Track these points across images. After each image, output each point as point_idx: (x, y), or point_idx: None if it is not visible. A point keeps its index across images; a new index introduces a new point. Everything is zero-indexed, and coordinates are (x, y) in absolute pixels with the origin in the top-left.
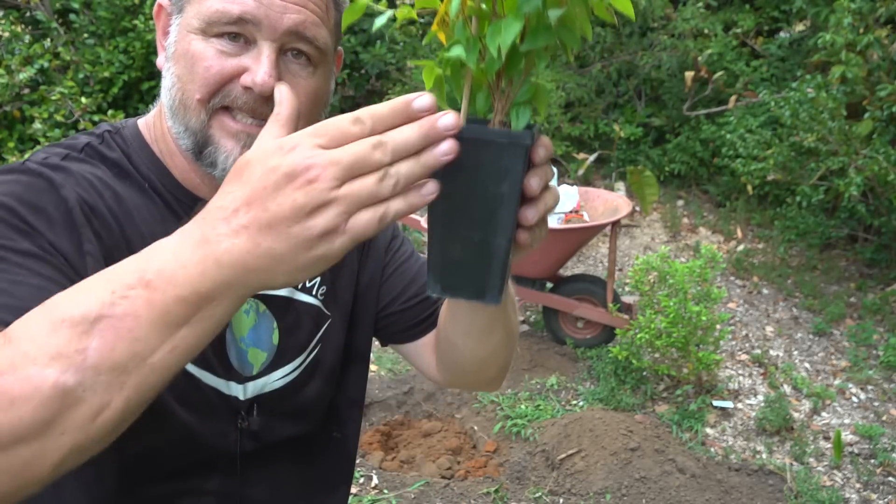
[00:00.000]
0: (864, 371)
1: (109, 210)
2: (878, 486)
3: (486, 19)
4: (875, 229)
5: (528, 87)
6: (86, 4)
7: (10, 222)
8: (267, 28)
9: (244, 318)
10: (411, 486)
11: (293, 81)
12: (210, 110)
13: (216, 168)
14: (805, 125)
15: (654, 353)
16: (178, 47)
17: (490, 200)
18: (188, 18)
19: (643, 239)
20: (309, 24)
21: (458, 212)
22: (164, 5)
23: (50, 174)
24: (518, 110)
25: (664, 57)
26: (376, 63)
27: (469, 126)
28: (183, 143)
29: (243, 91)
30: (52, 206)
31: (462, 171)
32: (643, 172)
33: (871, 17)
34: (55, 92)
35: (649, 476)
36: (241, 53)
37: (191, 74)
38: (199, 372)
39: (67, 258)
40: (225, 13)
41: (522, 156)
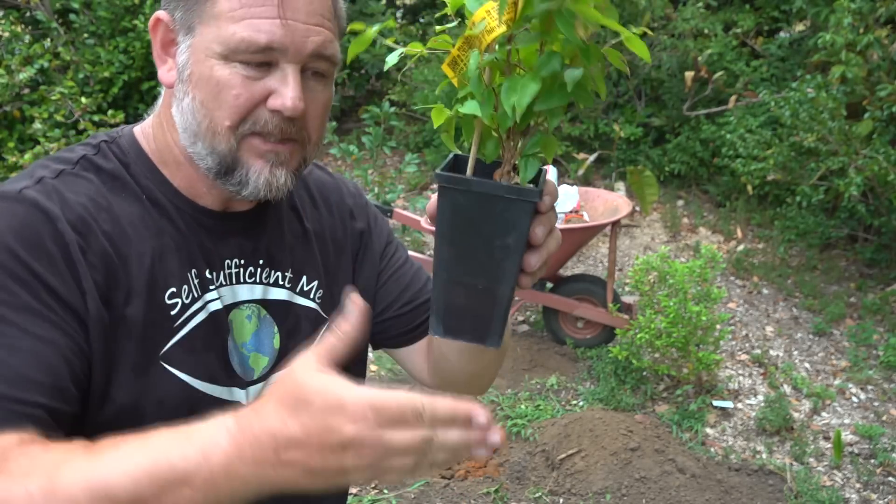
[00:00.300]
0: (864, 371)
1: (106, 234)
2: (878, 486)
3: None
4: (875, 229)
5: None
6: (86, 4)
7: (9, 268)
8: (293, 53)
9: (246, 324)
10: (411, 486)
11: (312, 97)
12: (239, 136)
13: (246, 187)
14: (805, 125)
15: (654, 353)
16: (198, 71)
17: (496, 251)
18: (206, 42)
19: (643, 239)
20: (327, 44)
21: (465, 260)
22: (163, 20)
23: (44, 205)
24: (527, 161)
25: (664, 57)
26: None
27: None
28: (203, 163)
29: (272, 115)
30: (50, 241)
31: (470, 222)
32: (643, 172)
33: (871, 17)
34: (55, 92)
35: (649, 476)
36: (265, 76)
37: (217, 101)
38: (201, 385)
39: (66, 302)
40: (252, 42)
41: (530, 211)
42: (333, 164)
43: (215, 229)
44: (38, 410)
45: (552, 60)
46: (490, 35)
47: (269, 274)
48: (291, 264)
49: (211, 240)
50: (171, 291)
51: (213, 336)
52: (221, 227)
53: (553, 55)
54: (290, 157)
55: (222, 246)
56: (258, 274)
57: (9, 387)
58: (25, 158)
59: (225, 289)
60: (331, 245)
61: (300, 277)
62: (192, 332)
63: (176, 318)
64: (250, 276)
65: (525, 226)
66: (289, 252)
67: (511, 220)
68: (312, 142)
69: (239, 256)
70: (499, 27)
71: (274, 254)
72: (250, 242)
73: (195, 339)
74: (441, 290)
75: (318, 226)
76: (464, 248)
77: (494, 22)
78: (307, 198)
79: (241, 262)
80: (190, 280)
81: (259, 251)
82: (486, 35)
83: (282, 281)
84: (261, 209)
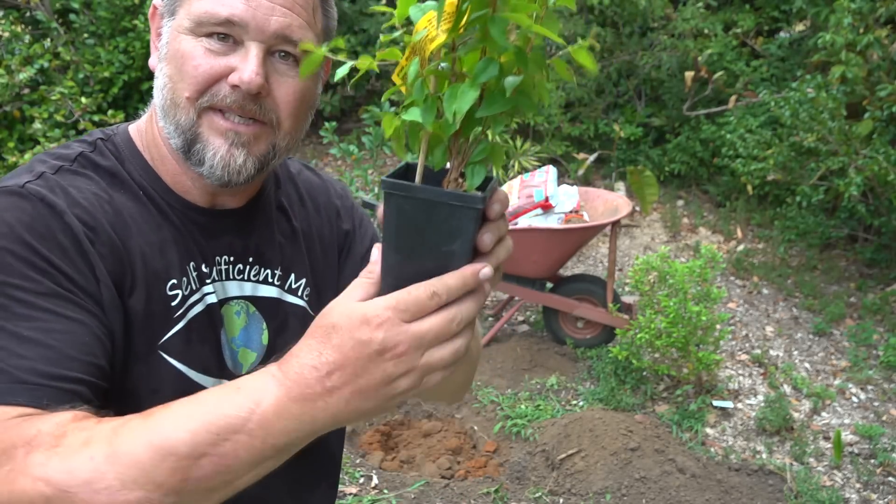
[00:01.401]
0: (864, 371)
1: (111, 226)
2: (878, 486)
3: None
4: (875, 229)
5: (483, 147)
6: (86, 4)
7: (28, 259)
8: (254, 30)
9: (235, 320)
10: (411, 486)
11: (280, 81)
12: (199, 108)
13: (203, 166)
14: (805, 125)
15: (654, 353)
16: (170, 48)
17: (441, 257)
18: (179, 19)
19: (643, 239)
20: (295, 28)
21: (411, 265)
22: (158, 7)
23: (50, 199)
24: (473, 168)
25: (664, 57)
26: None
27: (423, 187)
28: (173, 141)
29: (231, 90)
30: (60, 234)
31: (415, 228)
32: (643, 172)
33: (871, 17)
34: (55, 92)
35: (649, 476)
36: (230, 53)
37: (180, 73)
38: (196, 375)
39: (85, 290)
40: (213, 14)
41: (474, 216)
42: (333, 164)
43: (207, 226)
44: (82, 387)
45: (489, 67)
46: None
47: (258, 271)
48: (280, 262)
49: (203, 236)
50: (173, 283)
51: (208, 328)
52: (212, 225)
53: (491, 62)
54: (254, 141)
55: (213, 243)
56: (247, 271)
57: (53, 366)
58: (25, 158)
59: (217, 284)
60: (318, 244)
61: (289, 275)
62: (190, 323)
63: (176, 308)
64: (239, 274)
65: (470, 232)
66: (278, 250)
67: (455, 226)
68: (284, 129)
69: (229, 254)
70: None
71: (263, 252)
72: (240, 240)
73: (192, 331)
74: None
75: (306, 225)
76: (410, 254)
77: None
78: (296, 197)
79: (230, 259)
80: (189, 273)
81: (249, 249)
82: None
83: (271, 279)
84: (250, 207)
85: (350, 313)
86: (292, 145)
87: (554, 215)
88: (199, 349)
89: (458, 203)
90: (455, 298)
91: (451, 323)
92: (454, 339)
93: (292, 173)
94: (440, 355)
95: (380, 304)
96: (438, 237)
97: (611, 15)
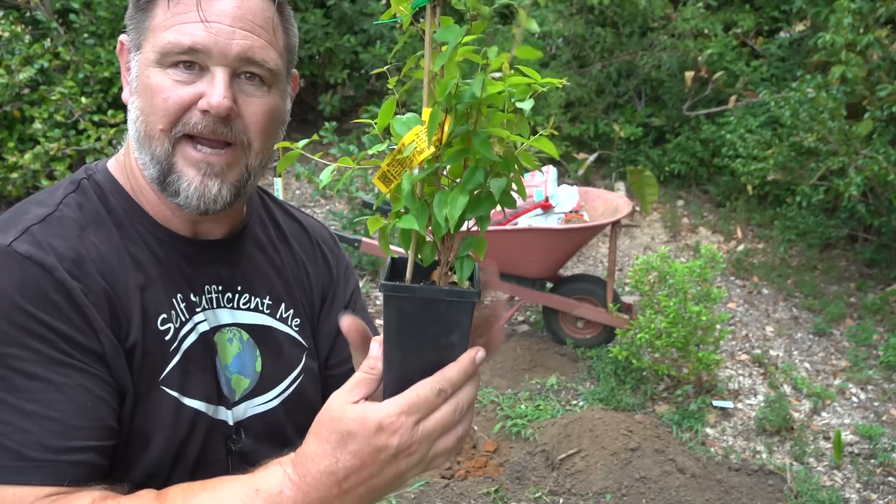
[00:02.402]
0: (864, 371)
1: (100, 273)
2: (878, 486)
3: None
4: (875, 229)
5: (469, 241)
6: (86, 4)
7: (24, 326)
8: (217, 55)
9: (228, 346)
10: (411, 486)
11: (248, 101)
12: (173, 139)
13: (179, 196)
14: (805, 125)
15: (654, 353)
16: (140, 81)
17: (441, 349)
18: (146, 53)
19: (643, 239)
20: (257, 49)
21: (413, 359)
22: (125, 43)
23: (39, 257)
24: (462, 262)
25: (664, 57)
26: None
27: (421, 287)
28: (148, 172)
29: (202, 116)
30: (53, 292)
31: (416, 325)
32: (643, 172)
33: (871, 17)
34: (55, 92)
35: (649, 476)
36: (196, 80)
37: (151, 106)
38: (198, 405)
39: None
40: (177, 44)
41: (470, 309)
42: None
43: (193, 257)
44: (91, 454)
45: (476, 175)
46: (420, 156)
47: (248, 299)
48: (269, 291)
49: (190, 266)
50: (163, 317)
51: (204, 357)
52: (198, 255)
53: (477, 170)
54: (226, 169)
55: (201, 272)
56: (236, 299)
57: (59, 439)
58: (25, 158)
59: (208, 312)
60: (305, 281)
61: (279, 304)
62: (185, 353)
63: (170, 342)
64: (228, 302)
65: (467, 322)
66: (266, 280)
67: (454, 320)
68: (255, 149)
69: (217, 283)
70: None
71: (252, 281)
72: (227, 270)
73: (189, 361)
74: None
75: (291, 261)
76: (412, 350)
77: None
78: (279, 235)
79: (219, 289)
80: (176, 305)
81: (236, 278)
82: (416, 156)
83: (261, 307)
84: (234, 239)
85: (364, 420)
86: (265, 163)
87: (554, 215)
88: (199, 378)
89: (455, 299)
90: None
91: (455, 413)
92: (456, 426)
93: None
94: (445, 445)
95: (392, 411)
96: (438, 331)
97: (611, 15)
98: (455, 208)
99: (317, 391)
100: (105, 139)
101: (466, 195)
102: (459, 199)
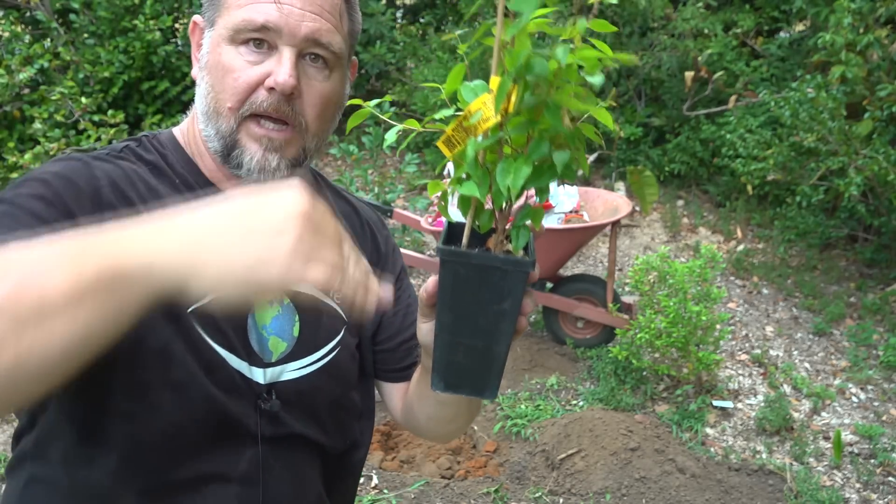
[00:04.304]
0: (864, 371)
1: (140, 198)
2: (878, 486)
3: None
4: (875, 229)
5: (527, 211)
6: (86, 4)
7: (38, 192)
8: (287, 34)
9: (268, 308)
10: (411, 486)
11: (310, 84)
12: (240, 118)
13: (241, 168)
14: (805, 125)
15: (654, 353)
16: (211, 58)
17: (494, 315)
18: (218, 30)
19: (643, 239)
20: (325, 32)
21: (465, 323)
22: (198, 22)
23: (90, 160)
24: (519, 231)
25: (664, 57)
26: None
27: (477, 253)
28: (212, 145)
29: (267, 94)
30: (83, 180)
31: (470, 290)
32: (643, 172)
33: (871, 17)
34: (55, 92)
35: (649, 476)
36: (265, 59)
37: (222, 84)
38: (224, 353)
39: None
40: (250, 21)
41: (524, 279)
42: (333, 164)
43: None
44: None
45: (541, 146)
46: (486, 124)
47: None
48: None
49: None
50: None
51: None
52: None
53: (542, 141)
54: (285, 145)
55: None
56: None
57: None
58: (25, 158)
59: None
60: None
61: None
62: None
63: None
64: None
65: (519, 292)
66: None
67: (507, 288)
68: (311, 131)
69: None
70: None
71: None
72: None
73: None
74: (443, 350)
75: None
76: (464, 313)
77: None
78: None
79: None
80: None
81: None
82: (482, 123)
83: None
84: None
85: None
86: (321, 145)
87: (554, 215)
88: (223, 325)
89: (510, 267)
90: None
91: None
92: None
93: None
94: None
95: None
96: (491, 297)
97: (611, 15)
98: (518, 178)
99: (353, 367)
100: (105, 139)
101: (530, 165)
102: (524, 169)
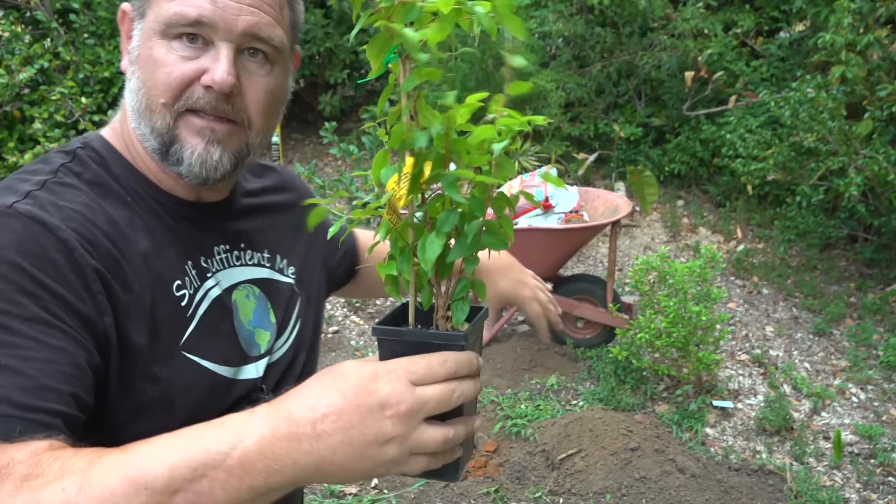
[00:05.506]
0: (864, 371)
1: (106, 237)
2: (878, 486)
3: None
4: (875, 229)
5: (464, 285)
6: (86, 4)
7: (16, 281)
8: (223, 30)
9: (247, 303)
10: (411, 486)
11: (251, 80)
12: (175, 113)
13: (181, 165)
14: (805, 125)
15: (654, 353)
16: (142, 51)
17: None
18: (149, 22)
19: (643, 239)
20: (263, 25)
21: None
22: (126, 11)
23: (41, 216)
24: (458, 305)
25: (664, 57)
26: None
27: (410, 331)
28: (148, 144)
29: (204, 91)
30: (53, 251)
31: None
32: (643, 172)
33: (871, 17)
34: (55, 92)
35: (649, 476)
36: (200, 55)
37: (154, 79)
38: (219, 368)
39: (76, 310)
40: (182, 16)
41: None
42: (333, 164)
43: (198, 220)
44: (58, 419)
45: (450, 217)
46: (400, 202)
47: (251, 256)
48: (266, 245)
49: (197, 230)
50: (177, 284)
51: (219, 321)
52: (203, 218)
53: (451, 212)
54: (228, 138)
55: (208, 235)
56: (244, 256)
57: (29, 397)
58: (25, 158)
59: (221, 273)
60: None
61: (275, 257)
62: (202, 319)
63: (186, 308)
64: (237, 259)
65: None
66: (262, 234)
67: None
68: (255, 128)
69: (223, 242)
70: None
71: (252, 237)
72: (231, 227)
73: (206, 326)
74: None
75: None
76: None
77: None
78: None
79: (226, 248)
80: (188, 271)
81: (239, 236)
82: (396, 201)
83: (262, 261)
84: (231, 198)
85: (361, 365)
86: (265, 142)
87: (554, 215)
88: (216, 342)
89: (441, 342)
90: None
91: (453, 395)
92: (449, 426)
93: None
94: (432, 435)
95: (391, 363)
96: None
97: (611, 15)
98: (431, 252)
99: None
100: None
101: (442, 238)
102: (435, 242)
